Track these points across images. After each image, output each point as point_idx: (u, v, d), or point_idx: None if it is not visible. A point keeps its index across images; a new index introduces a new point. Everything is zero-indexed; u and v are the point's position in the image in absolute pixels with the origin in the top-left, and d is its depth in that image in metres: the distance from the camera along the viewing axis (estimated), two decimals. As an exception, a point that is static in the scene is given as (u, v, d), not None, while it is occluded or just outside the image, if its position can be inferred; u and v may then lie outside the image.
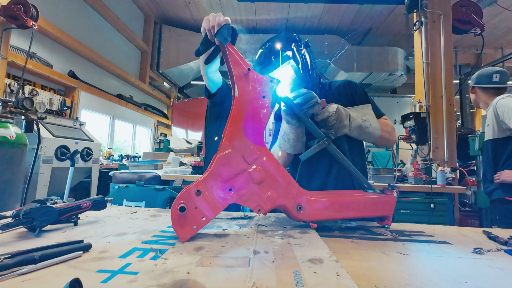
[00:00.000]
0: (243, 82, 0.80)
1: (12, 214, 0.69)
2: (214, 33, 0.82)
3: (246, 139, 0.78)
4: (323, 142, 0.92)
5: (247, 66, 0.81)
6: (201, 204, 0.72)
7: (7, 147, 1.80)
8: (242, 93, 0.80)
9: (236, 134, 0.78)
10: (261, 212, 0.78)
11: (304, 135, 1.10)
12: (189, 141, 5.39)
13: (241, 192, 0.77)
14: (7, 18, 3.49)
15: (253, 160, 0.78)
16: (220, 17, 0.84)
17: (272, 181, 0.79)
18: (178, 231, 0.70)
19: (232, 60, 0.81)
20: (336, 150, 0.94)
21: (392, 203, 0.90)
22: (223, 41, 0.80)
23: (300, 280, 0.47)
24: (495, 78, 2.20)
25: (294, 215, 0.82)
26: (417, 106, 3.54)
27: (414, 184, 2.77)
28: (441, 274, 0.54)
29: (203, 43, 0.86)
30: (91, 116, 5.75)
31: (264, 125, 0.81)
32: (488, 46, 8.08)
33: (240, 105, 0.79)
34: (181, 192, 0.73)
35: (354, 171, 0.94)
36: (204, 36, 0.86)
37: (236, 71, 0.80)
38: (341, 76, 8.02)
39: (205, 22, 0.85)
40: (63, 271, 0.49)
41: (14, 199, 1.86)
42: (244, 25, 8.03)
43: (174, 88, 9.14)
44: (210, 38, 0.84)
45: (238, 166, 0.77)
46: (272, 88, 0.83)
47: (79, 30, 5.16)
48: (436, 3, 3.69)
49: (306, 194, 0.83)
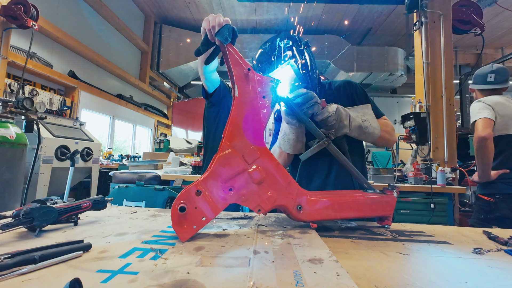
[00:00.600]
0: (243, 82, 0.80)
1: (12, 214, 0.69)
2: (214, 33, 0.82)
3: (246, 139, 0.79)
4: (323, 142, 0.92)
5: (247, 66, 0.81)
6: (201, 204, 0.72)
7: (7, 147, 1.80)
8: (242, 93, 0.80)
9: (236, 134, 0.78)
10: (261, 212, 0.78)
11: (304, 136, 1.10)
12: (189, 141, 5.39)
13: (241, 192, 0.77)
14: (7, 18, 3.49)
15: (253, 160, 0.79)
16: (220, 17, 0.84)
17: (272, 181, 0.79)
18: (178, 231, 0.70)
19: (232, 60, 0.81)
20: (336, 150, 0.94)
21: (392, 203, 0.90)
22: (224, 41, 0.80)
23: (300, 280, 0.47)
24: (490, 78, 2.21)
25: (294, 215, 0.82)
26: (417, 106, 3.54)
27: (414, 184, 2.77)
28: (441, 274, 0.54)
29: (203, 43, 0.86)
30: (91, 116, 5.75)
31: (264, 125, 0.81)
32: (488, 46, 8.08)
33: (240, 105, 0.80)
34: (181, 192, 0.73)
35: (354, 171, 0.95)
36: (204, 36, 0.86)
37: (236, 71, 0.80)
38: (341, 76, 8.02)
39: (205, 22, 0.85)
40: (63, 271, 0.49)
41: (14, 199, 1.86)
42: (244, 25, 8.04)
43: (174, 88, 9.15)
44: (210, 38, 0.84)
45: (238, 166, 0.77)
46: (272, 88, 0.83)
47: (79, 30, 5.16)
48: (436, 3, 3.69)
49: (306, 194, 0.83)
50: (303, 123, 0.97)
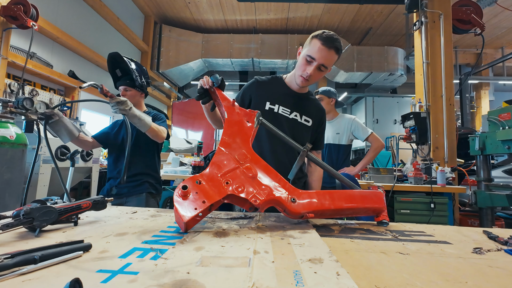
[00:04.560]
0: (230, 109, 1.04)
1: (12, 214, 0.69)
2: (209, 81, 1.07)
3: (237, 145, 0.93)
4: (303, 152, 1.05)
5: (232, 100, 1.07)
6: (201, 190, 0.79)
7: (7, 147, 1.80)
8: (230, 115, 1.02)
9: (228, 142, 0.94)
10: (258, 202, 0.81)
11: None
12: (189, 141, 5.38)
13: (237, 185, 0.84)
14: (7, 18, 3.49)
15: (245, 160, 0.90)
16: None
17: (264, 177, 0.88)
18: (181, 212, 0.74)
19: (221, 97, 1.07)
20: (313, 157, 1.07)
21: (381, 196, 0.98)
22: (216, 82, 1.06)
23: (300, 280, 0.47)
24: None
25: (289, 207, 0.85)
26: (417, 106, 3.54)
27: (414, 184, 2.77)
28: (441, 274, 0.54)
29: (198, 91, 1.10)
30: (91, 116, 5.75)
31: (250, 137, 0.98)
32: (488, 46, 8.08)
33: (230, 123, 1.00)
34: (182, 181, 0.80)
35: (337, 174, 1.04)
36: (199, 88, 1.09)
37: (225, 103, 1.05)
38: (341, 76, 8.02)
39: (200, 80, 1.09)
40: (63, 271, 0.49)
41: (14, 199, 1.86)
42: (244, 25, 8.04)
43: (174, 88, 9.14)
44: (204, 85, 1.08)
45: (232, 164, 0.88)
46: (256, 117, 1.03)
47: (79, 30, 5.16)
48: (436, 3, 3.69)
49: (296, 190, 0.90)
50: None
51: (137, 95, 1.91)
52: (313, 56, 1.20)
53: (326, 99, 2.63)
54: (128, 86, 1.86)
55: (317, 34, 1.21)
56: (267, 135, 1.34)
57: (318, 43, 1.19)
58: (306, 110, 1.40)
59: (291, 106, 1.37)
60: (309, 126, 1.40)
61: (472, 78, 7.78)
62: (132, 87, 1.87)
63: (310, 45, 1.22)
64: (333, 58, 1.21)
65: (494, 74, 8.69)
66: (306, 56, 1.22)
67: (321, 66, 1.21)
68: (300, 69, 1.27)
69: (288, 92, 1.39)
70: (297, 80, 1.31)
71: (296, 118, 1.37)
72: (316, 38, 1.20)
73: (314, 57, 1.20)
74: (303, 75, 1.26)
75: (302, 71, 1.26)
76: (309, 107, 1.42)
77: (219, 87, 1.09)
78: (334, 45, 1.19)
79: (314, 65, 1.21)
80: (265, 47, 7.69)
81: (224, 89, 1.11)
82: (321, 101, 2.60)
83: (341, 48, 1.22)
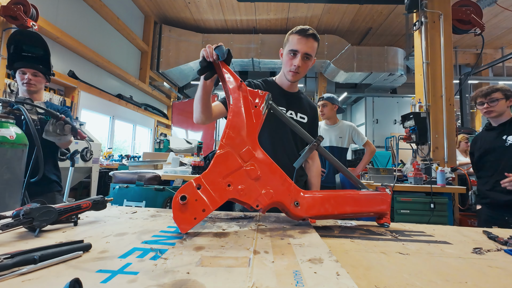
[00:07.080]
0: (236, 93, 0.90)
1: (12, 214, 0.69)
2: (212, 52, 0.93)
3: (241, 141, 0.85)
4: (313, 145, 0.98)
5: (239, 80, 0.92)
6: (201, 197, 0.75)
7: (7, 147, 1.80)
8: (236, 102, 0.89)
9: (232, 137, 0.84)
10: (260, 207, 0.80)
11: None
12: (189, 141, 5.38)
13: (239, 188, 0.80)
14: (7, 18, 3.49)
15: (249, 159, 0.84)
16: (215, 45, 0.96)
17: (268, 178, 0.83)
18: (179, 222, 0.72)
19: (228, 72, 0.93)
20: (324, 151, 1.01)
21: (387, 199, 0.93)
22: (221, 55, 0.91)
23: (300, 280, 0.47)
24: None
25: (292, 211, 0.84)
26: (417, 106, 3.54)
27: (414, 184, 2.77)
28: (441, 274, 0.54)
29: (201, 62, 0.95)
30: (91, 116, 5.75)
31: (257, 129, 0.88)
32: (488, 46, 8.08)
33: (235, 112, 0.88)
34: (181, 186, 0.75)
35: (346, 171, 0.99)
36: (202, 59, 0.96)
37: (231, 84, 0.91)
38: (341, 76, 8.02)
39: (203, 50, 0.96)
40: (63, 271, 0.49)
41: (14, 199, 1.86)
42: (244, 25, 8.04)
43: (174, 88, 9.15)
44: (207, 57, 0.95)
45: (235, 164, 0.82)
46: (265, 99, 0.93)
47: (79, 30, 5.16)
48: (436, 3, 3.70)
49: (300, 191, 0.87)
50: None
51: (43, 82, 1.84)
52: (295, 48, 1.27)
53: (330, 105, 2.87)
54: (40, 72, 1.77)
55: (292, 30, 1.30)
56: (267, 135, 1.35)
57: (295, 36, 1.27)
58: (300, 107, 1.46)
59: (286, 105, 1.41)
60: (305, 123, 1.44)
61: (472, 78, 7.78)
62: (44, 74, 1.80)
63: (289, 41, 1.30)
64: (314, 45, 1.28)
65: (494, 74, 8.69)
66: (289, 52, 1.29)
67: (305, 55, 1.27)
68: (287, 64, 1.32)
69: (281, 92, 1.43)
70: (287, 76, 1.35)
71: (292, 116, 1.41)
72: (292, 33, 1.29)
73: (296, 49, 1.27)
74: (292, 69, 1.30)
75: (289, 65, 1.31)
76: (303, 104, 1.47)
77: (225, 60, 0.94)
78: (311, 33, 1.26)
79: (298, 56, 1.27)
80: (265, 47, 7.69)
81: (230, 62, 0.97)
82: (325, 107, 2.86)
83: (317, 35, 1.29)
